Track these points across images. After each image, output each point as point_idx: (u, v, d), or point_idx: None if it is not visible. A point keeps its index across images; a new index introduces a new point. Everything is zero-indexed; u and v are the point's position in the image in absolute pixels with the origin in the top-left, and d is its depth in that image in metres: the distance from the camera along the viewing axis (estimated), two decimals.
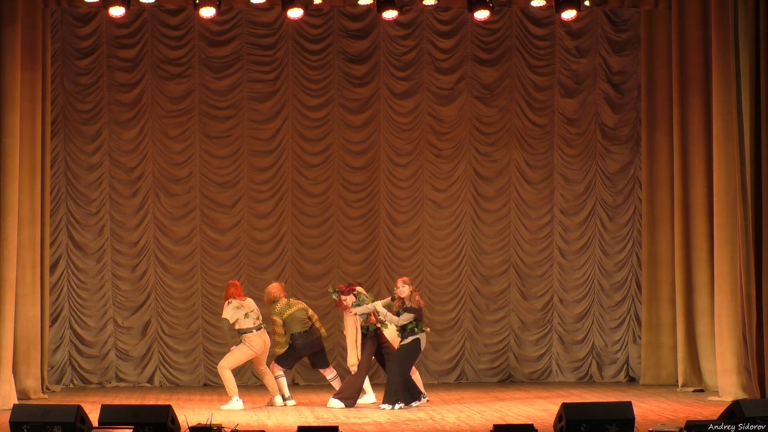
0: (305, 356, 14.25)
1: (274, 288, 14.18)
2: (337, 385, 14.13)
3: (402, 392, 13.51)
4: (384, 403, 13.50)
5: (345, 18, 16.81)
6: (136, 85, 16.52)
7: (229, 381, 13.84)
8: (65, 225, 16.42)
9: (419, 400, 13.67)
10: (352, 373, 13.79)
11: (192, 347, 16.56)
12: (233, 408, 13.66)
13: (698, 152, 15.41)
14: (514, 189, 17.10)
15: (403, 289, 13.60)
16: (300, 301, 14.30)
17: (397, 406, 13.43)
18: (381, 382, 14.76)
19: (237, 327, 13.94)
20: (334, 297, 14.02)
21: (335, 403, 13.67)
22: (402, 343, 13.60)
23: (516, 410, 13.47)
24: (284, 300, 14.10)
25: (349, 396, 13.74)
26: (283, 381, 14.15)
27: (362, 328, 13.80)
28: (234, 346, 13.95)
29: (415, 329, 13.56)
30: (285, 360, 14.16)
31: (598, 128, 17.13)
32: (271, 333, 14.15)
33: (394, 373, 13.54)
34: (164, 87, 16.58)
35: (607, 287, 17.11)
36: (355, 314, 13.69)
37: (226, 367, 13.88)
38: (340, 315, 14.42)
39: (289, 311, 14.08)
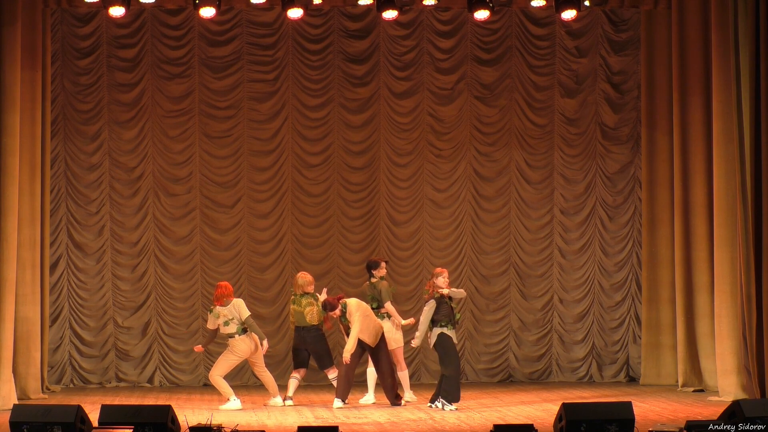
0: (299, 351, 14.19)
1: (297, 282, 14.18)
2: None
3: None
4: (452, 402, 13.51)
5: (345, 18, 16.81)
6: (136, 85, 16.52)
7: (222, 386, 13.87)
8: (65, 225, 16.42)
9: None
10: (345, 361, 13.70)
11: (192, 347, 16.54)
12: (232, 407, 13.66)
13: (698, 152, 15.41)
14: (514, 189, 17.10)
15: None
16: (308, 304, 14.13)
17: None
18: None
19: (221, 332, 14.01)
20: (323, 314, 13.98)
21: (337, 403, 13.73)
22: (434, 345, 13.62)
23: (516, 410, 13.47)
24: (299, 295, 14.10)
25: (344, 394, 13.81)
26: (293, 382, 14.15)
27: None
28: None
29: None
30: (293, 358, 14.30)
31: (598, 128, 17.13)
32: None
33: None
34: (164, 87, 16.58)
35: (607, 287, 17.11)
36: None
37: (216, 375, 13.92)
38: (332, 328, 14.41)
39: (293, 307, 14.12)
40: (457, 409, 13.39)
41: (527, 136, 17.09)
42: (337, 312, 13.73)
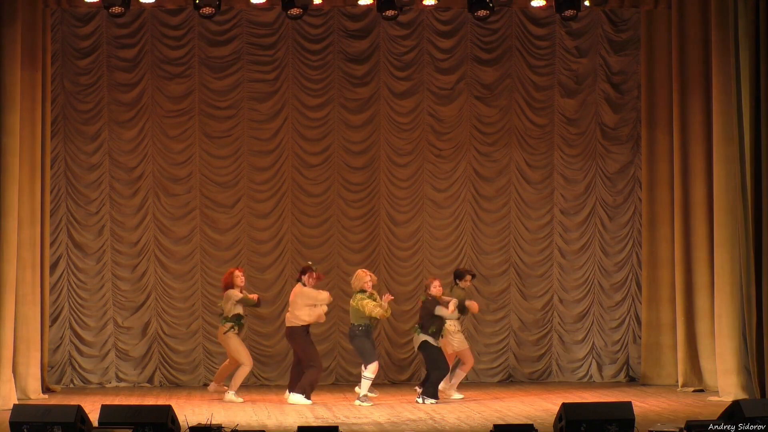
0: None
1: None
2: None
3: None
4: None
5: (345, 18, 16.81)
6: (136, 85, 16.52)
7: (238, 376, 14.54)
8: (65, 225, 16.42)
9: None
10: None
11: (192, 347, 16.56)
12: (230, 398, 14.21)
13: (698, 152, 15.41)
14: (514, 189, 17.10)
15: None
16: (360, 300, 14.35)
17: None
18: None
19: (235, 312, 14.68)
20: (314, 268, 14.53)
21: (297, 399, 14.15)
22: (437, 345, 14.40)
23: (516, 410, 13.47)
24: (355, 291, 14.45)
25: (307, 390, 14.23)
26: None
27: None
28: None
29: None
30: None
31: (598, 128, 17.13)
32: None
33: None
34: (164, 87, 16.58)
35: (607, 287, 17.11)
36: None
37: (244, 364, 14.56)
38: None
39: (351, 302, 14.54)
40: (436, 403, 14.06)
41: (527, 136, 17.09)
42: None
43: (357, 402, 14.00)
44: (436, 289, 14.38)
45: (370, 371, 14.04)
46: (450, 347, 14.66)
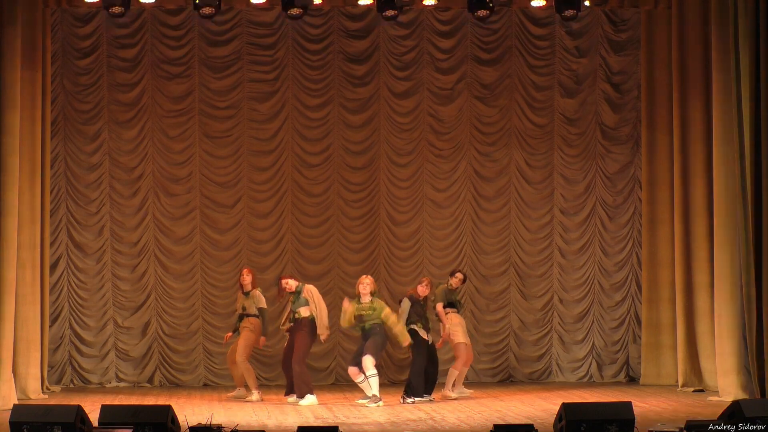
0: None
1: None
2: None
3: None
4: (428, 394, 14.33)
5: (345, 18, 16.82)
6: (136, 85, 16.52)
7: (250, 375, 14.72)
8: (65, 225, 16.42)
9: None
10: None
11: (192, 347, 16.56)
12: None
13: (698, 152, 15.41)
14: (514, 189, 17.10)
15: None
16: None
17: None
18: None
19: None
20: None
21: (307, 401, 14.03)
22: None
23: (516, 410, 13.48)
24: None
25: (308, 391, 14.10)
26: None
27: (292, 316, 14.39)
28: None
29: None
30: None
31: (598, 128, 17.13)
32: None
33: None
34: (164, 87, 16.58)
35: (607, 287, 17.11)
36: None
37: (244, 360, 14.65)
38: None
39: None
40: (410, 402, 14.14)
41: (527, 136, 17.09)
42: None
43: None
44: (422, 287, 14.43)
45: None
46: (456, 337, 14.71)
